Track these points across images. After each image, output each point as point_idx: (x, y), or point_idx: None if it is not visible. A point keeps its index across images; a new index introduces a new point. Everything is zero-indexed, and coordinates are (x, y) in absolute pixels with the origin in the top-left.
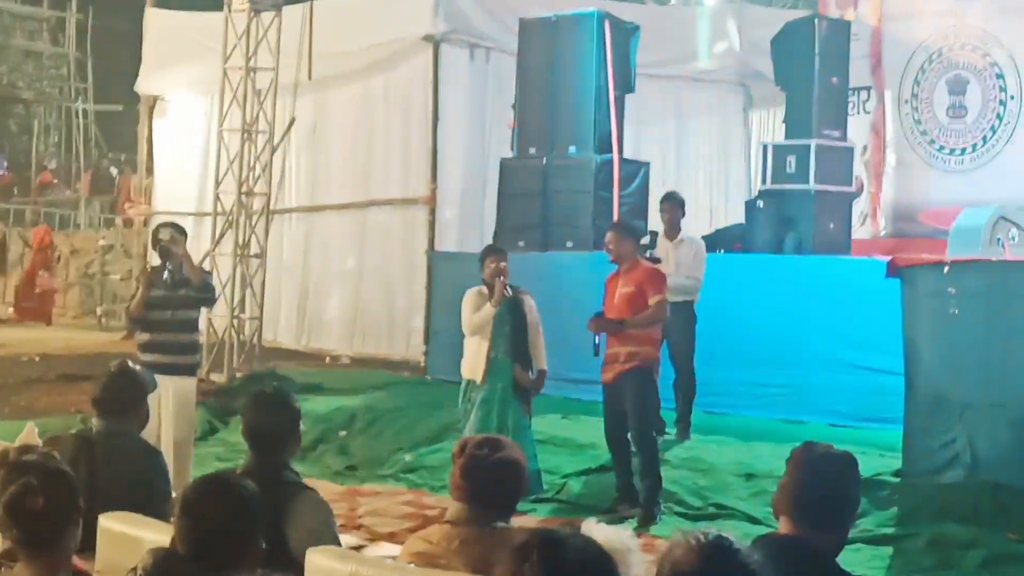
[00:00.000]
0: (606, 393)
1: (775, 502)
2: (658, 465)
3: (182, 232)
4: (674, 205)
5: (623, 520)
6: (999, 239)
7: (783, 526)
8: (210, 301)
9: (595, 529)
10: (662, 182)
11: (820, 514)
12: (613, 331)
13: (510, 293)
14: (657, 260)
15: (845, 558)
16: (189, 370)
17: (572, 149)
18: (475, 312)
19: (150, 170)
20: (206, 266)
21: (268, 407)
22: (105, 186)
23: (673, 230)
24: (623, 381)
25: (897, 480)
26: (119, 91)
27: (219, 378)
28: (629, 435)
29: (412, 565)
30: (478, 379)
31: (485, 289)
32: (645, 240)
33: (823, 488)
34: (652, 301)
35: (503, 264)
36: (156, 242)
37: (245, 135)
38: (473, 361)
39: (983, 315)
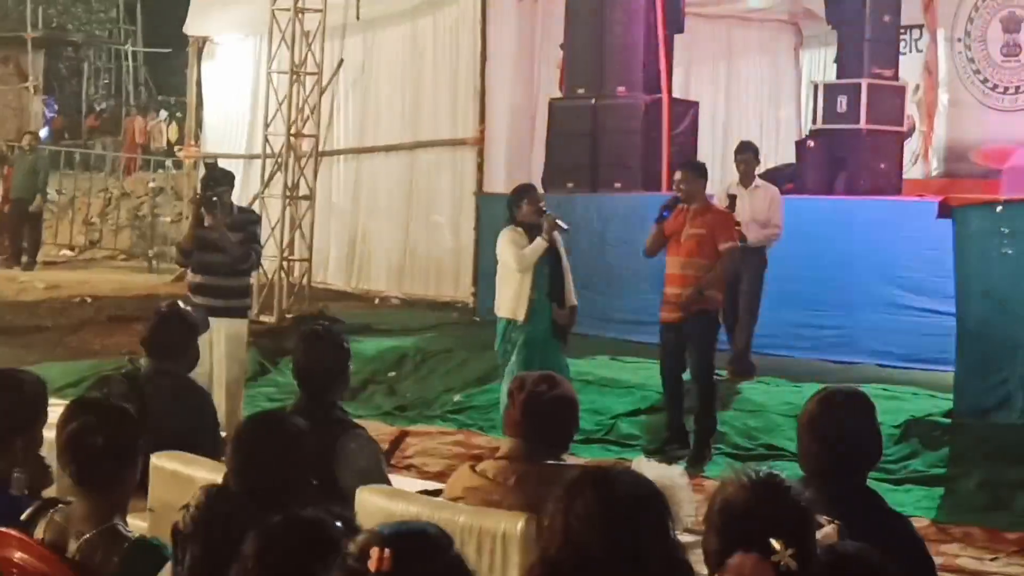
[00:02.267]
0: (667, 331)
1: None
2: (715, 407)
3: (230, 181)
4: (750, 155)
5: (674, 460)
6: None
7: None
8: (246, 272)
9: (645, 466)
10: (712, 122)
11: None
12: (695, 304)
13: (566, 226)
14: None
15: (896, 498)
16: (240, 312)
17: (621, 89)
18: (519, 250)
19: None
20: (256, 207)
21: (318, 347)
22: (111, 127)
23: (748, 178)
24: (690, 324)
25: (948, 421)
26: (168, 33)
27: (269, 319)
28: (687, 375)
29: (463, 501)
30: (520, 319)
31: (519, 228)
32: (725, 203)
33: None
34: (723, 247)
35: (542, 202)
36: (204, 194)
37: (294, 77)
38: (515, 301)
39: None
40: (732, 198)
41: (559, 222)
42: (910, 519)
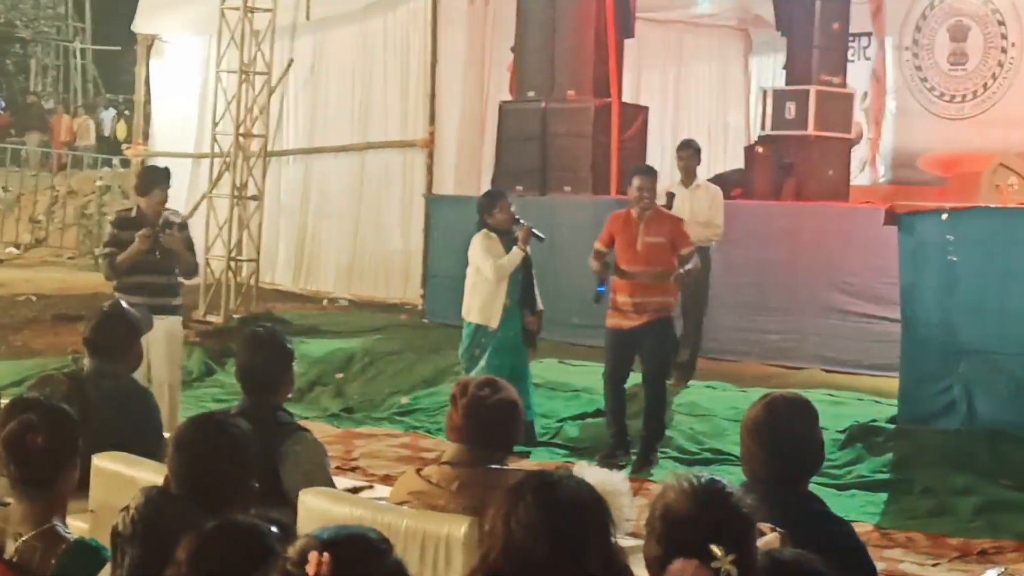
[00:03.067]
0: (619, 339)
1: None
2: (665, 413)
3: (166, 180)
4: (691, 152)
5: (619, 467)
6: (998, 186)
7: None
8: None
9: (588, 471)
10: (661, 127)
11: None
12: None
13: (543, 236)
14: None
15: (840, 503)
16: (176, 311)
17: (571, 93)
18: (495, 258)
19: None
20: (203, 207)
21: (261, 348)
22: (37, 123)
23: (690, 177)
24: (649, 329)
25: (892, 427)
26: (117, 31)
27: (216, 320)
28: (643, 382)
29: (407, 505)
30: (493, 325)
31: (493, 234)
32: (663, 202)
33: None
34: (685, 252)
35: (513, 208)
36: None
37: (243, 76)
38: (488, 308)
39: (981, 262)
40: (671, 196)
41: (535, 231)
42: (853, 524)
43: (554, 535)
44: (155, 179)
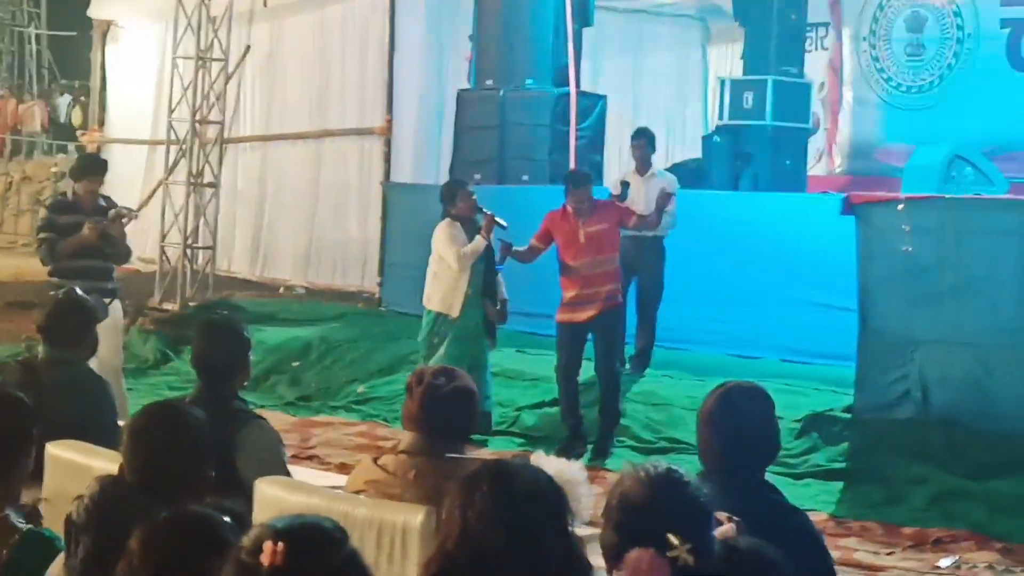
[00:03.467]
0: (571, 333)
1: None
2: (620, 401)
3: (103, 171)
4: (644, 141)
5: (577, 457)
6: (953, 176)
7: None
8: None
9: (544, 460)
10: (619, 116)
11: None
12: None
13: (505, 224)
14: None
15: (796, 492)
16: (113, 294)
17: (529, 82)
18: (458, 246)
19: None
20: (159, 194)
21: (217, 336)
22: None
23: (644, 165)
24: (603, 319)
25: (848, 416)
26: (73, 17)
27: (172, 307)
28: (597, 371)
29: (364, 494)
30: (454, 314)
31: (457, 223)
32: (617, 191)
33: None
34: (635, 221)
35: (475, 197)
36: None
37: (199, 63)
38: (449, 296)
39: (936, 252)
40: (625, 185)
41: (498, 219)
42: (808, 513)
43: (510, 525)
44: (89, 167)
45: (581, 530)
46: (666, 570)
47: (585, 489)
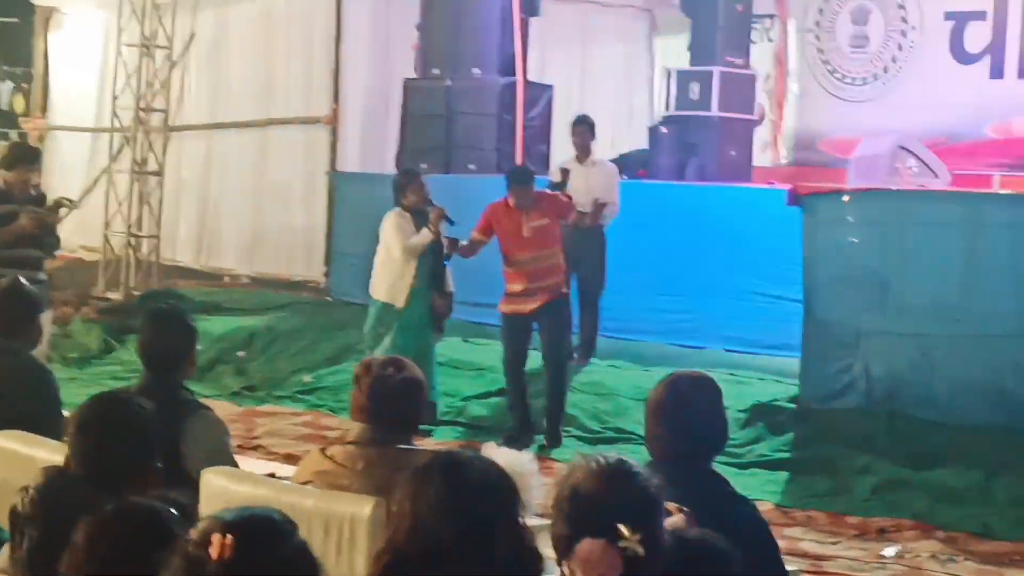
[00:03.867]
0: (517, 324)
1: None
2: (567, 390)
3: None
4: (584, 128)
5: (525, 447)
6: (897, 168)
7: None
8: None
9: (495, 452)
10: (566, 106)
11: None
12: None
13: (454, 220)
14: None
15: (741, 482)
16: (43, 285)
17: (476, 71)
18: (405, 237)
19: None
20: (102, 183)
21: (163, 326)
22: None
23: (584, 153)
24: (547, 310)
25: (793, 406)
26: (15, 2)
27: (116, 296)
28: (545, 362)
29: (312, 485)
30: (400, 304)
31: (406, 213)
32: (558, 179)
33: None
34: (572, 218)
35: (426, 188)
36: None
37: (144, 50)
38: (395, 286)
39: (880, 244)
40: (565, 172)
41: (447, 214)
42: (755, 503)
43: (461, 516)
44: (20, 156)
45: (532, 521)
46: (617, 561)
47: (536, 480)
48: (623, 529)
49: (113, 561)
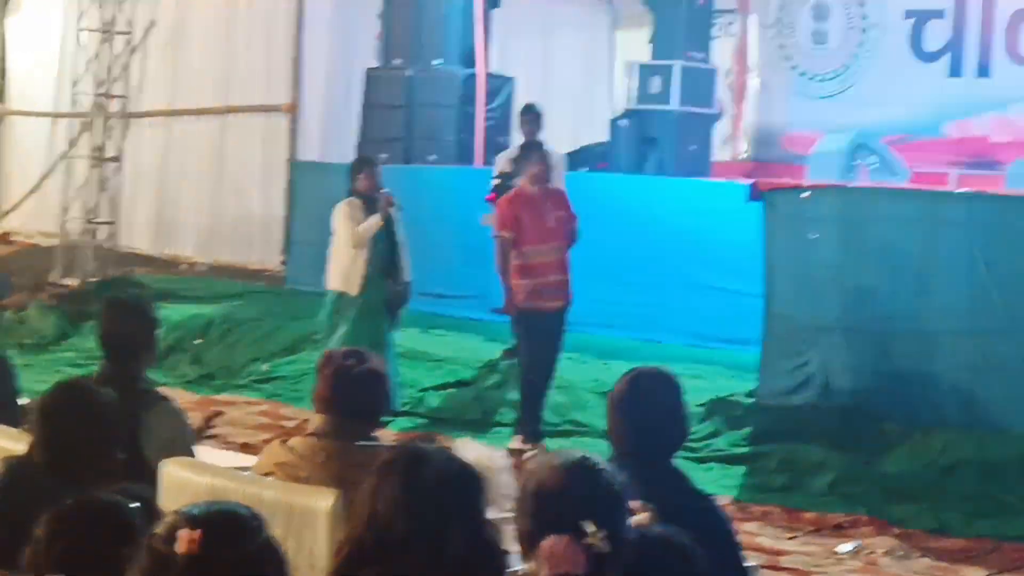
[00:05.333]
0: (546, 321)
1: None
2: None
3: None
4: (533, 117)
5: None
6: (857, 165)
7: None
8: None
9: (468, 447)
10: (527, 98)
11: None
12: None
13: (398, 203)
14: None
15: (699, 476)
16: None
17: (437, 62)
18: (355, 224)
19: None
20: (60, 169)
21: (125, 314)
22: None
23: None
24: (563, 310)
25: (751, 401)
26: None
27: (72, 283)
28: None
29: (273, 476)
30: (354, 292)
31: (357, 201)
32: (508, 169)
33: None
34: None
35: (379, 176)
36: None
37: (104, 35)
38: (349, 274)
39: (839, 240)
40: (516, 163)
41: (394, 200)
42: (714, 498)
43: (413, 511)
44: None
45: (500, 516)
46: (581, 557)
47: (507, 477)
48: (588, 526)
49: (74, 555)
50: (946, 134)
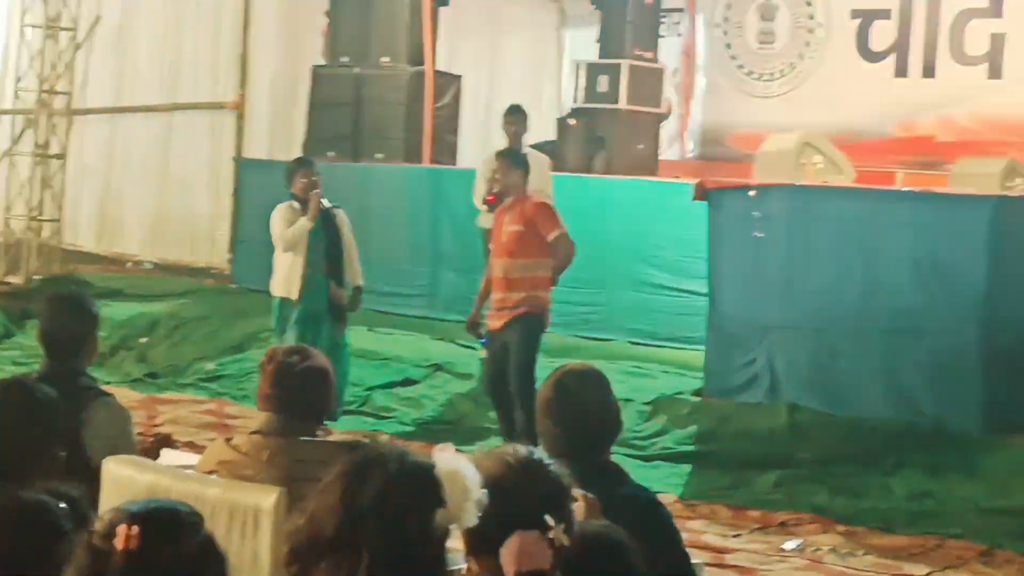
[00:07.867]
0: (493, 339)
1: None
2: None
3: None
4: (519, 118)
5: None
6: (803, 164)
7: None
8: None
9: (443, 455)
10: (474, 97)
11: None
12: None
13: (328, 205)
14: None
15: (645, 474)
16: None
17: (385, 59)
18: (287, 227)
19: None
20: (3, 166)
21: (65, 311)
22: None
23: (516, 145)
24: (509, 327)
25: (697, 399)
26: None
27: (16, 280)
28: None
29: (216, 475)
30: (293, 296)
31: (296, 204)
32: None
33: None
34: (552, 237)
35: (316, 177)
36: None
37: (48, 31)
38: (287, 279)
39: (785, 239)
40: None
41: (324, 202)
42: (657, 494)
43: (345, 514)
44: None
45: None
46: (547, 552)
47: (476, 486)
48: (550, 520)
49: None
50: (892, 134)
